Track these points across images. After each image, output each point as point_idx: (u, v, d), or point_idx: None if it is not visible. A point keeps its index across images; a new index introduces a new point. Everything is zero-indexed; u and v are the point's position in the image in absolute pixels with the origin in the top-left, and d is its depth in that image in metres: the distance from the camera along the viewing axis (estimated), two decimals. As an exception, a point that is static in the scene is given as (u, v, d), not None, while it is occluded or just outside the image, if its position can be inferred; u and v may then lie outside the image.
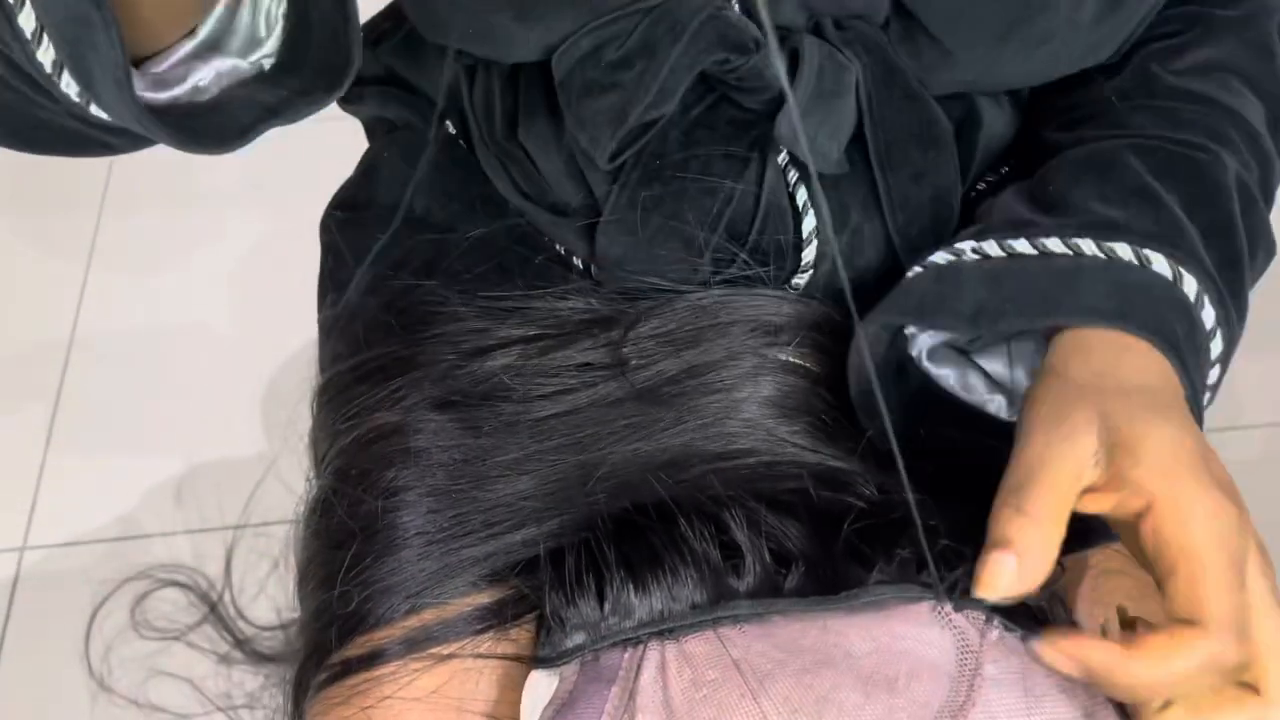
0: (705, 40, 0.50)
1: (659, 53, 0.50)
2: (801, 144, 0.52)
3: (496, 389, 0.51)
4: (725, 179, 0.54)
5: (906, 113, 0.53)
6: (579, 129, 0.52)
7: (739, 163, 0.54)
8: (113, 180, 1.52)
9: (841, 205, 0.54)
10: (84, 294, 1.40)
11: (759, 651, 0.41)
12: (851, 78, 0.52)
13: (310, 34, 0.44)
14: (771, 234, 0.54)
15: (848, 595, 0.42)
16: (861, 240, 0.55)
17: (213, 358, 1.32)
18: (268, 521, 0.80)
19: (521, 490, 0.48)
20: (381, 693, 0.45)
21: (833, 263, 0.54)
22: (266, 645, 0.60)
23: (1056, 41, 0.52)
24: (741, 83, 0.52)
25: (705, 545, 0.44)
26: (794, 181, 0.54)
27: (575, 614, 0.43)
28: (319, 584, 0.49)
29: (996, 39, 0.52)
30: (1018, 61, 0.53)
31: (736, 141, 0.54)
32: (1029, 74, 0.55)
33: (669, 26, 0.50)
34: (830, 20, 0.52)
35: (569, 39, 0.51)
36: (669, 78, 0.50)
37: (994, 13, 0.51)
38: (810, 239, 0.54)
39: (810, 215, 0.54)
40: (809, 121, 0.51)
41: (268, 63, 0.46)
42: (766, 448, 0.50)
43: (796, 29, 0.52)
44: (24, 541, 1.19)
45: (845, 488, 0.48)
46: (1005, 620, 0.41)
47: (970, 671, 0.40)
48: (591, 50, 0.51)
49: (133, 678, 0.79)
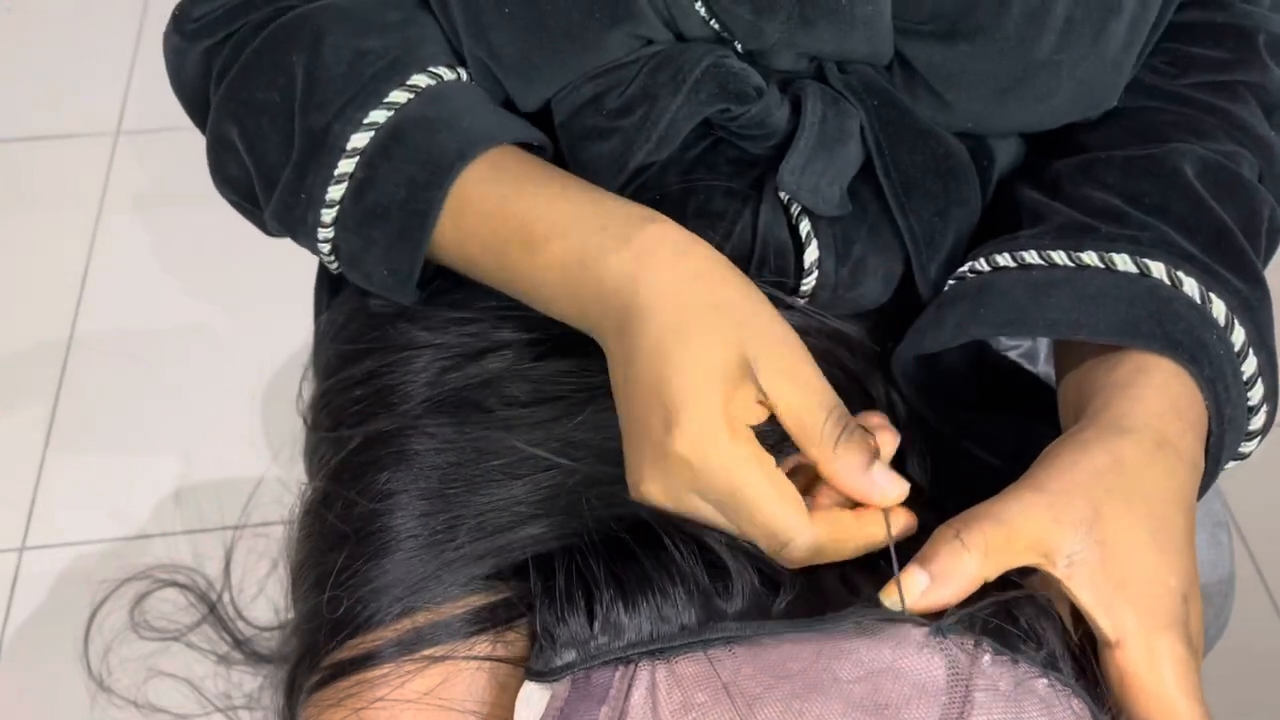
0: (706, 90, 0.50)
1: (660, 100, 0.51)
2: (803, 196, 0.52)
3: (491, 393, 0.51)
4: (725, 214, 0.54)
5: (920, 150, 0.53)
6: (579, 172, 0.53)
7: (739, 198, 0.54)
8: (112, 180, 1.52)
9: (845, 238, 0.54)
10: (84, 294, 1.40)
11: (748, 675, 0.41)
12: (855, 124, 0.52)
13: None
14: (771, 266, 0.54)
15: (835, 617, 0.42)
16: (863, 271, 0.55)
17: (213, 358, 1.32)
18: (267, 522, 0.80)
19: (515, 495, 0.48)
20: (374, 694, 0.45)
21: (832, 291, 0.54)
22: (265, 646, 0.60)
23: (1057, 98, 0.52)
24: (743, 130, 0.52)
25: (693, 566, 0.44)
26: (797, 214, 0.54)
27: (565, 631, 0.43)
28: (312, 586, 0.49)
29: (997, 95, 0.52)
30: (1018, 115, 0.53)
31: (737, 179, 0.54)
32: (1028, 125, 0.55)
33: (670, 75, 0.50)
34: (835, 65, 0.52)
35: (570, 85, 0.52)
36: (670, 126, 0.51)
37: (995, 71, 0.51)
38: (811, 269, 0.54)
39: (813, 245, 0.53)
40: (812, 169, 0.51)
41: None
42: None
43: (799, 75, 0.52)
44: (23, 542, 1.19)
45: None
46: (996, 644, 0.41)
47: (960, 698, 0.40)
48: (592, 97, 0.52)
49: (132, 678, 0.79)
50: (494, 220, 0.50)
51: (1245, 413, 0.48)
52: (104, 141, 1.55)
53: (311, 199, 0.52)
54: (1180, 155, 0.52)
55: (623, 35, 0.51)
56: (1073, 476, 0.43)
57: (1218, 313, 0.47)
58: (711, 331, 0.44)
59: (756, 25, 0.50)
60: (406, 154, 0.51)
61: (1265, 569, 1.16)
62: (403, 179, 0.51)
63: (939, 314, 0.51)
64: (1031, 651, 0.41)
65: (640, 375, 0.45)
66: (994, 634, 0.41)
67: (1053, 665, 0.41)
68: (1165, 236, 0.48)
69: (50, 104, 1.61)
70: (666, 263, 0.46)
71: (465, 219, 0.50)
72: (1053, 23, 0.49)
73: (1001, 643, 0.41)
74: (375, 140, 0.51)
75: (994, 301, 0.49)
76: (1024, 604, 0.43)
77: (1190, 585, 0.43)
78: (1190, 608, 0.42)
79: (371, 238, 0.52)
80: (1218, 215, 0.50)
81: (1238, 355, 0.47)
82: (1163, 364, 0.46)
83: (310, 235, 0.54)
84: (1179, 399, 0.45)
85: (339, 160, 0.51)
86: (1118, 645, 0.41)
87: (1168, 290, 0.47)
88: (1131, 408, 0.45)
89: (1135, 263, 0.47)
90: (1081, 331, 0.46)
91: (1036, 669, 0.41)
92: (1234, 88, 0.55)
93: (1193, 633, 0.42)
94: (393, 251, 0.52)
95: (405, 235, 0.51)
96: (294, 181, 0.53)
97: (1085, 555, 0.42)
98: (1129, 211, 0.50)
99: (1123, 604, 0.41)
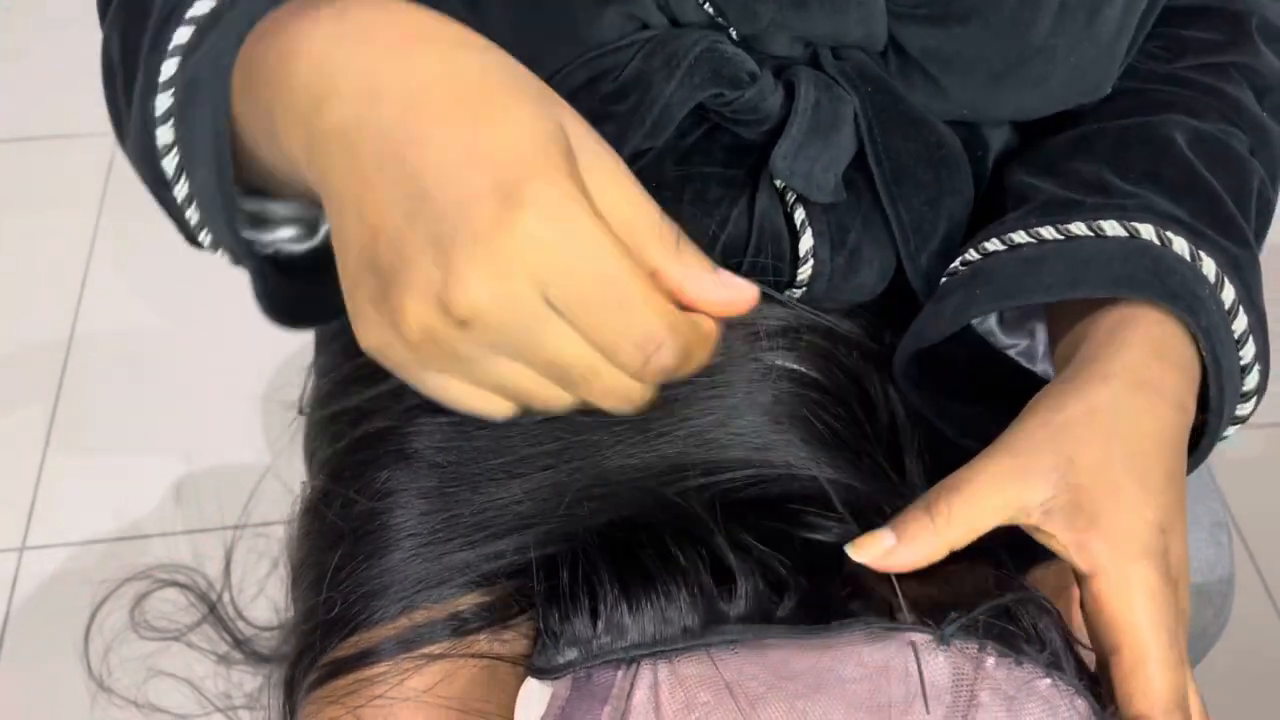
0: (700, 74, 0.50)
1: (654, 86, 0.50)
2: (796, 182, 0.52)
3: None
4: (721, 201, 0.54)
5: (913, 139, 0.53)
6: None
7: (735, 185, 0.54)
8: (112, 180, 1.52)
9: (840, 226, 0.54)
10: (84, 294, 1.40)
11: (751, 674, 0.41)
12: (849, 110, 0.52)
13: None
14: (767, 254, 0.54)
15: (840, 626, 0.42)
16: (859, 260, 0.55)
17: (213, 358, 1.32)
18: (267, 521, 0.80)
19: (514, 494, 0.48)
20: (372, 692, 0.45)
21: (828, 279, 0.54)
22: (265, 645, 0.60)
23: (1052, 82, 0.52)
24: (737, 115, 0.52)
25: (698, 568, 0.44)
26: (792, 202, 0.54)
27: (568, 629, 0.43)
28: (311, 584, 0.49)
29: (991, 79, 0.52)
30: (1013, 100, 0.53)
31: (733, 165, 0.54)
32: (1023, 111, 0.55)
33: (664, 59, 0.50)
34: (828, 51, 0.52)
35: (564, 68, 0.52)
36: (664, 111, 0.50)
37: (990, 55, 0.51)
38: (807, 257, 0.54)
39: (808, 234, 0.53)
40: (805, 155, 0.51)
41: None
42: (761, 459, 0.50)
43: (793, 60, 0.52)
44: (23, 542, 1.19)
45: (841, 509, 0.48)
46: (1000, 646, 0.41)
47: (965, 701, 0.40)
48: (586, 82, 0.52)
49: (132, 678, 0.79)
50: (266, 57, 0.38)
51: (1239, 370, 0.48)
52: (104, 141, 1.55)
53: (148, 82, 0.42)
54: (1173, 125, 0.52)
55: (615, 14, 0.50)
56: (1044, 432, 0.44)
57: (1208, 270, 0.47)
58: (524, 96, 0.35)
59: (750, 7, 0.50)
60: (234, 13, 0.40)
61: (1265, 569, 1.16)
62: (219, 35, 0.40)
63: (936, 306, 0.51)
64: (1034, 652, 0.42)
65: (427, 154, 0.34)
66: (997, 636, 0.42)
67: (1055, 665, 0.42)
68: (1150, 203, 0.49)
69: (50, 104, 1.61)
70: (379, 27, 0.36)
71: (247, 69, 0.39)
72: (1047, 5, 0.50)
73: (1005, 644, 0.42)
74: (214, 8, 0.42)
75: (988, 281, 0.49)
76: (1026, 605, 0.43)
77: (1172, 519, 0.43)
78: (1170, 540, 0.43)
79: (186, 119, 0.41)
80: (1208, 181, 0.50)
81: (1228, 313, 0.47)
82: (1148, 313, 0.46)
83: (154, 155, 0.43)
84: (1161, 343, 0.46)
85: (176, 31, 0.42)
86: (1092, 576, 0.42)
87: (1158, 249, 0.47)
88: (1112, 355, 0.46)
89: (1124, 227, 0.48)
90: (1079, 288, 0.47)
91: (1040, 669, 0.41)
92: (1226, 69, 0.56)
93: (1172, 564, 0.43)
94: (196, 126, 0.40)
95: (204, 95, 0.40)
96: (142, 71, 0.43)
97: (1058, 499, 0.43)
98: (1114, 183, 0.50)
99: (1096, 538, 0.42)
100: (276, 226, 0.45)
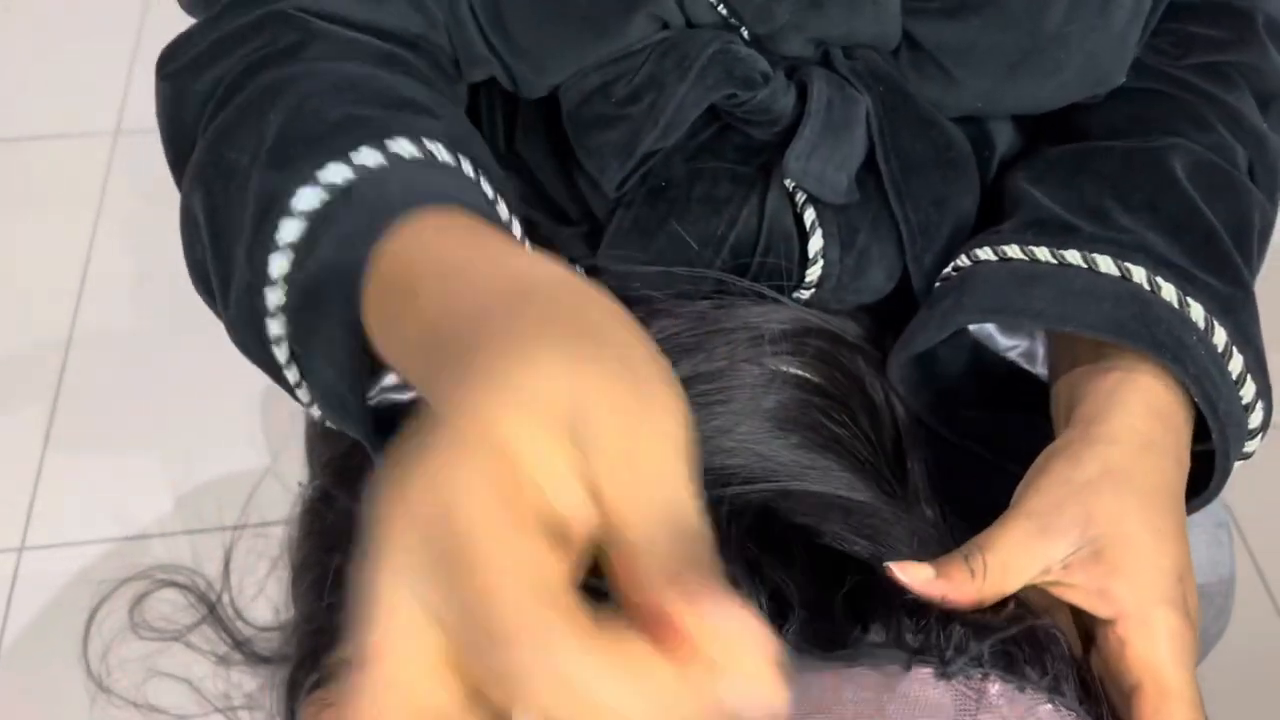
0: (713, 75, 0.50)
1: (667, 87, 0.50)
2: (809, 182, 0.52)
3: None
4: (731, 200, 0.54)
5: (923, 139, 0.53)
6: (586, 158, 0.53)
7: (745, 184, 0.54)
8: (111, 180, 1.52)
9: (850, 227, 0.54)
10: (83, 294, 1.40)
11: None
12: (861, 110, 0.52)
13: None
14: (776, 254, 0.54)
15: (844, 655, 0.42)
16: (868, 261, 0.55)
17: (213, 358, 1.32)
18: (267, 522, 0.80)
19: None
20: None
21: (837, 280, 0.54)
22: (265, 646, 0.60)
23: (1066, 72, 0.52)
24: (750, 116, 0.52)
25: None
26: (802, 202, 0.54)
27: None
28: (312, 585, 0.49)
29: (1006, 70, 0.52)
30: (1027, 91, 0.53)
31: (743, 165, 0.54)
32: (1037, 103, 0.55)
33: (677, 60, 0.50)
34: (840, 50, 0.52)
35: (578, 73, 0.52)
36: (676, 112, 0.50)
37: (1004, 45, 0.51)
38: (816, 258, 0.54)
39: (817, 234, 0.53)
40: (818, 156, 0.51)
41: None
42: (763, 466, 0.50)
43: (805, 60, 0.52)
44: (22, 542, 1.19)
45: (847, 527, 0.48)
46: (1003, 673, 0.41)
47: None
48: (600, 85, 0.52)
49: (132, 678, 0.79)
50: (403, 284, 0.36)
51: (1241, 410, 0.48)
52: (104, 141, 1.55)
53: (256, 278, 0.41)
54: (1175, 152, 0.52)
55: (642, 18, 0.50)
56: (1063, 492, 0.45)
57: (1196, 316, 0.48)
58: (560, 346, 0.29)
59: (767, 8, 0.50)
60: (350, 211, 0.39)
61: (1265, 569, 1.16)
62: (340, 236, 0.39)
63: (926, 313, 0.51)
64: (1037, 677, 0.42)
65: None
66: (1000, 662, 0.42)
67: (1057, 690, 0.42)
68: (1145, 241, 0.49)
69: (50, 104, 1.61)
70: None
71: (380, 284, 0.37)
72: None
73: (1007, 670, 0.42)
74: (327, 202, 0.40)
75: (977, 289, 0.49)
76: (1030, 630, 0.44)
77: (1185, 568, 0.45)
78: (1186, 588, 0.44)
79: (307, 323, 0.40)
80: (1205, 217, 0.51)
81: (1222, 355, 0.48)
82: (1147, 369, 0.47)
83: (261, 338, 0.43)
84: (1162, 404, 0.47)
85: (282, 222, 0.40)
86: (1116, 621, 0.43)
87: (1148, 294, 0.48)
88: (1113, 417, 0.47)
89: (1118, 266, 0.48)
90: (1069, 324, 0.47)
91: (1042, 694, 0.41)
92: (1230, 73, 0.56)
93: (1189, 610, 0.44)
94: (321, 334, 0.39)
95: (333, 306, 0.38)
96: (244, 260, 0.42)
97: (1080, 554, 0.44)
98: (1113, 211, 0.50)
99: (1119, 584, 0.43)
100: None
